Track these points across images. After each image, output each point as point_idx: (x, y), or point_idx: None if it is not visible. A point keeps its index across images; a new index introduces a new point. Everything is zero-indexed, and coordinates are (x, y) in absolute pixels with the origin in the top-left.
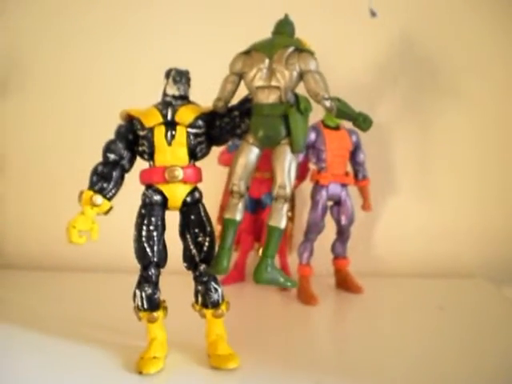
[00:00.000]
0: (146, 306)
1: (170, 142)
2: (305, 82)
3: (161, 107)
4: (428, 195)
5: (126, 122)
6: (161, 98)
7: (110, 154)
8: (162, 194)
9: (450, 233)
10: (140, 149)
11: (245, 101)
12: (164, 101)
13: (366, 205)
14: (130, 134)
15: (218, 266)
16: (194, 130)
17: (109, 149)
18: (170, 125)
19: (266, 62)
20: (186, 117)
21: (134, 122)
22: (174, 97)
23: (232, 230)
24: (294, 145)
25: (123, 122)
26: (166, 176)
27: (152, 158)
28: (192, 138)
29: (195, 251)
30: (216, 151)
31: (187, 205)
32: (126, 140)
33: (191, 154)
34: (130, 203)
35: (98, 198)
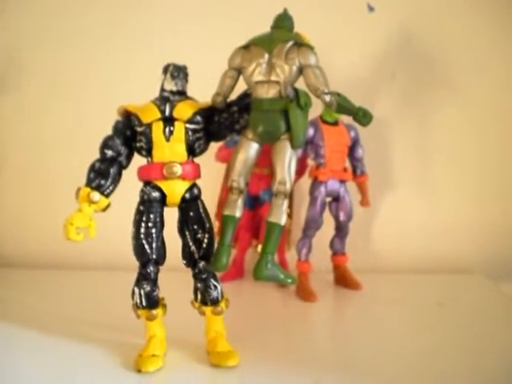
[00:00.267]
0: (144, 304)
1: (168, 138)
2: (304, 76)
3: (159, 103)
4: (427, 191)
5: (124, 118)
6: (158, 94)
7: (107, 150)
8: (160, 190)
9: (449, 229)
10: (138, 145)
11: (244, 96)
12: (162, 96)
13: (364, 201)
14: (127, 129)
15: (218, 263)
16: (192, 126)
17: (106, 145)
18: (168, 120)
19: (265, 56)
20: (185, 112)
21: (132, 118)
22: (172, 92)
23: (231, 227)
24: (294, 140)
25: (120, 118)
26: (164, 172)
27: (150, 155)
28: (190, 133)
29: (194, 248)
30: (213, 147)
31: (186, 201)
32: (124, 136)
33: (190, 150)
34: (128, 200)
35: (95, 194)
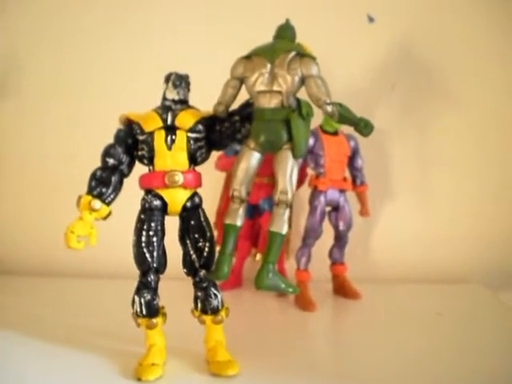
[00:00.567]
0: (144, 312)
1: (169, 147)
2: (307, 86)
3: (160, 111)
4: (426, 201)
5: (125, 127)
6: (160, 103)
7: (108, 158)
8: (161, 198)
9: (447, 238)
10: (139, 153)
11: (246, 105)
12: (164, 105)
13: (363, 210)
14: (129, 138)
15: (219, 272)
16: (194, 135)
17: (108, 153)
18: (170, 129)
19: (267, 66)
20: (186, 121)
21: (134, 127)
22: (174, 101)
23: (233, 236)
24: (296, 150)
25: (122, 127)
26: (165, 181)
27: (152, 163)
28: (192, 142)
29: (195, 257)
30: (213, 156)
31: (187, 210)
32: (126, 144)
33: (191, 158)
34: (129, 208)
35: (96, 202)
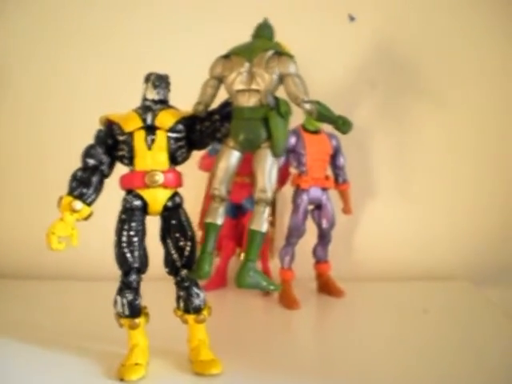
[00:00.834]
0: (127, 313)
1: (150, 147)
2: (285, 85)
3: (141, 111)
4: (409, 198)
5: (105, 127)
6: (140, 103)
7: (89, 159)
8: (142, 198)
9: (432, 235)
10: (120, 154)
11: (225, 104)
12: (144, 105)
13: (346, 208)
14: (109, 138)
15: (200, 271)
16: (174, 135)
17: (88, 154)
18: (150, 129)
19: (245, 65)
20: (166, 121)
21: (114, 127)
22: (154, 101)
23: (213, 234)
24: (275, 148)
25: (102, 127)
26: (146, 181)
27: (132, 163)
28: (172, 142)
29: (176, 256)
30: (196, 156)
31: (168, 209)
32: (106, 145)
33: (171, 158)
34: (111, 208)
35: (77, 203)
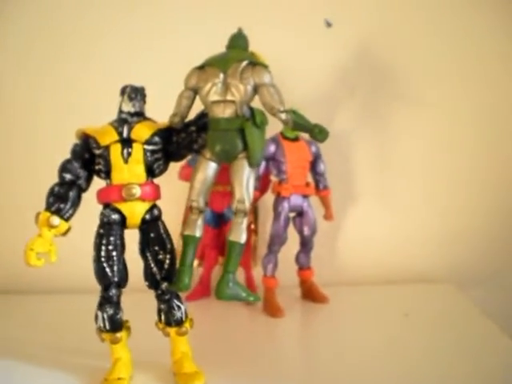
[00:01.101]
0: (108, 327)
1: (126, 160)
2: (260, 95)
3: (116, 125)
4: (390, 202)
5: (81, 141)
6: (116, 116)
7: (65, 173)
8: (120, 212)
9: (415, 238)
10: (96, 167)
11: (201, 116)
12: (120, 118)
13: (327, 214)
14: (85, 152)
15: (180, 283)
16: (150, 147)
17: (65, 168)
18: (126, 142)
19: (220, 76)
20: (143, 133)
21: (90, 141)
22: (130, 114)
23: (192, 247)
24: (251, 158)
25: (78, 141)
26: (123, 194)
27: (109, 177)
28: (149, 154)
29: (156, 269)
30: (176, 166)
31: (146, 222)
32: (82, 159)
33: (148, 170)
34: (89, 223)
35: (55, 219)
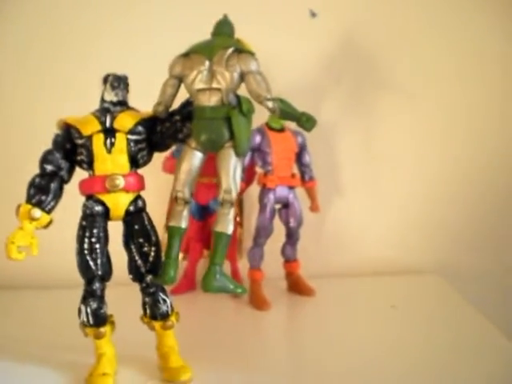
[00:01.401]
0: (92, 322)
1: (109, 150)
2: (246, 83)
3: (99, 114)
4: (377, 192)
5: (63, 131)
6: (99, 105)
7: (46, 165)
8: (103, 204)
9: (401, 229)
10: (78, 158)
11: (186, 104)
12: (102, 107)
13: (313, 206)
14: (67, 143)
15: (165, 276)
16: (134, 137)
17: (46, 160)
18: (109, 132)
19: (205, 63)
20: (126, 123)
21: (72, 131)
22: (113, 103)
23: (178, 239)
24: (238, 148)
25: (60, 131)
26: (106, 185)
27: (91, 168)
28: (132, 144)
29: (140, 262)
30: (160, 157)
31: (130, 214)
32: (64, 149)
33: (132, 161)
34: (72, 215)
35: (36, 211)
